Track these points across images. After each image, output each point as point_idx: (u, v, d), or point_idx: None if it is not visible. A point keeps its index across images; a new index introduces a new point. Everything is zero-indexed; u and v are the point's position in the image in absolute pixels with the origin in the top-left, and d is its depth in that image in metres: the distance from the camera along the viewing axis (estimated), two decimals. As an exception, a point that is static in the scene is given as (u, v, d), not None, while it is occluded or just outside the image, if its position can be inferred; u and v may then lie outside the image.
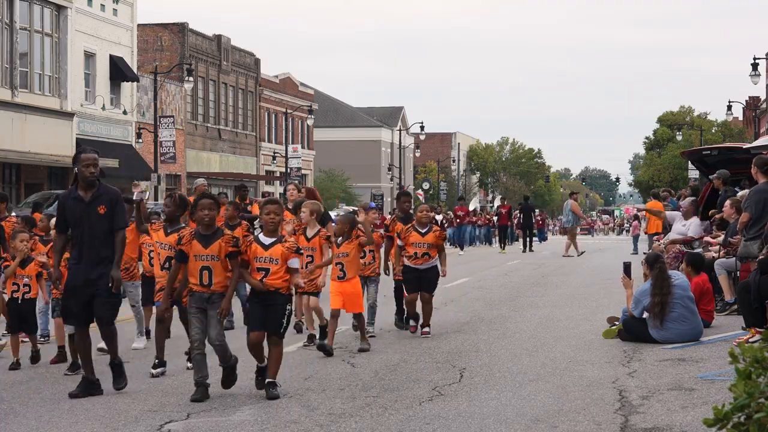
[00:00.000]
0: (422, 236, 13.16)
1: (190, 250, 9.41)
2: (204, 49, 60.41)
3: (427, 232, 13.18)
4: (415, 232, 13.17)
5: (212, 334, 9.32)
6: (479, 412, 8.51)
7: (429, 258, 13.19)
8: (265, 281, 9.32)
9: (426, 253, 13.18)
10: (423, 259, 13.18)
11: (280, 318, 9.30)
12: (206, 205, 9.50)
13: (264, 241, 9.49)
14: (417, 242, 13.14)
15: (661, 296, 12.06)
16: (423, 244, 13.16)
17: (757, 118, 64.91)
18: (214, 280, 9.34)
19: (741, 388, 3.96)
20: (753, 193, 12.99)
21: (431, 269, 13.31)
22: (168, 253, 11.13)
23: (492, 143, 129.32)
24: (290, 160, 66.73)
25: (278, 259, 9.34)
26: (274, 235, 9.53)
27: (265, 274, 9.34)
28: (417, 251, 13.17)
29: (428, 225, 13.21)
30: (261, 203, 9.98)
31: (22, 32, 40.30)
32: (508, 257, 36.41)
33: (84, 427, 8.31)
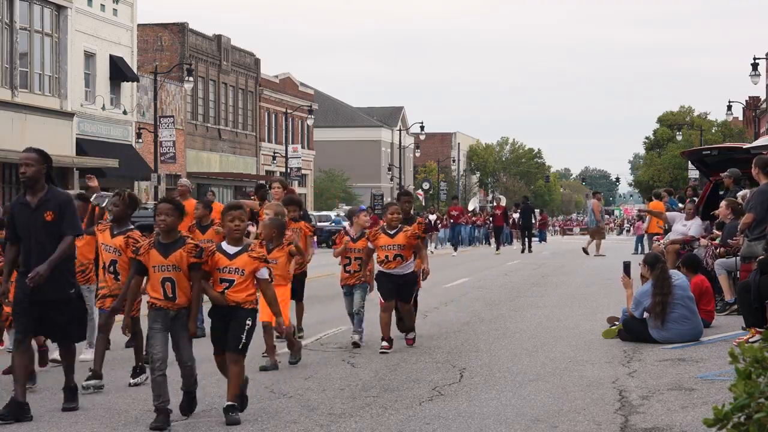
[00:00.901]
0: (391, 238, 12.06)
1: (148, 260, 8.49)
2: (204, 49, 60.42)
3: (397, 233, 12.06)
4: (384, 234, 12.11)
5: (184, 355, 8.54)
6: (479, 412, 8.51)
7: (402, 261, 12.08)
8: (227, 294, 8.45)
9: (398, 255, 12.05)
10: (396, 263, 12.07)
11: (240, 333, 8.39)
12: (164, 210, 8.55)
13: (228, 250, 8.58)
14: (386, 245, 12.09)
15: (662, 296, 12.06)
16: (393, 246, 12.07)
17: (757, 118, 64.92)
18: (179, 293, 8.44)
19: (741, 388, 3.95)
20: (757, 193, 12.99)
21: (407, 275, 12.22)
22: (113, 257, 10.27)
23: (492, 143, 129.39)
24: (290, 160, 66.73)
25: (244, 269, 8.47)
26: (239, 243, 8.60)
27: (228, 285, 8.47)
28: (388, 254, 12.08)
29: (397, 226, 12.10)
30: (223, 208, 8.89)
31: (22, 32, 40.30)
32: (508, 257, 36.41)
33: (84, 427, 8.31)
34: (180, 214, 8.66)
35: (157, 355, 8.36)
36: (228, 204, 9.06)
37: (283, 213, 12.24)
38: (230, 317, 8.44)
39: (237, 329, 8.41)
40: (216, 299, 8.51)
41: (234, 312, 8.43)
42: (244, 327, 8.40)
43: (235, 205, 8.86)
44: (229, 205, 8.99)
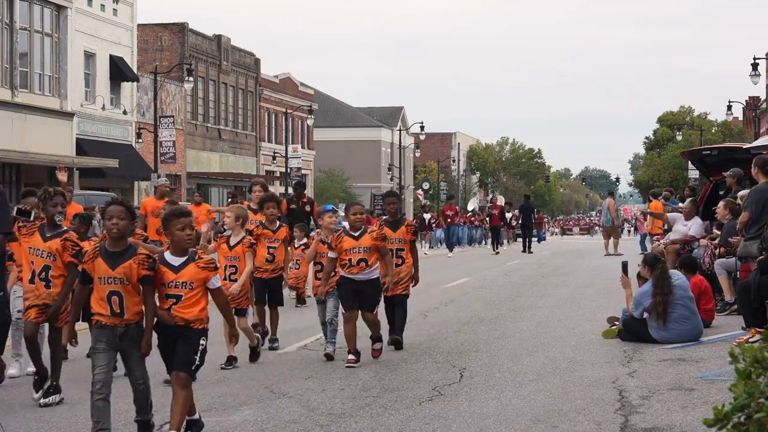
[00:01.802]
0: (356, 240, 11.14)
1: (93, 270, 7.54)
2: (204, 49, 60.41)
3: (361, 234, 11.17)
4: (348, 236, 11.19)
5: (135, 375, 7.64)
6: (479, 412, 8.51)
7: (366, 266, 11.12)
8: (174, 311, 7.46)
9: (363, 259, 11.11)
10: (359, 267, 11.12)
11: (192, 353, 7.40)
12: (116, 213, 7.53)
13: (172, 261, 7.54)
14: (350, 248, 11.14)
15: (662, 296, 12.06)
16: (358, 249, 11.13)
17: (757, 118, 64.91)
18: (127, 308, 7.50)
19: (741, 388, 3.95)
20: (753, 192, 12.98)
21: (371, 281, 11.25)
22: (45, 262, 9.36)
23: (492, 143, 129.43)
24: (290, 160, 66.72)
25: (192, 282, 7.45)
26: (184, 253, 7.57)
27: (176, 302, 7.46)
28: (351, 258, 11.12)
29: (362, 228, 11.24)
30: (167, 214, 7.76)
31: (22, 32, 40.28)
32: (508, 257, 36.41)
33: (84, 427, 8.31)
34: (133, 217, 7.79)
35: (99, 377, 7.44)
36: (174, 210, 7.81)
37: (245, 216, 11.71)
38: (179, 337, 7.45)
39: (188, 348, 7.43)
40: (162, 318, 7.49)
41: (183, 332, 7.44)
42: (197, 347, 7.44)
43: (183, 211, 7.75)
44: (176, 211, 7.78)
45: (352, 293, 11.16)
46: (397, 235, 12.24)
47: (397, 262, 12.11)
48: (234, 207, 11.92)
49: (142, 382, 7.67)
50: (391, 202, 12.61)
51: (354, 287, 11.16)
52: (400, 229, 12.30)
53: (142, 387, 7.69)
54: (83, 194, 35.12)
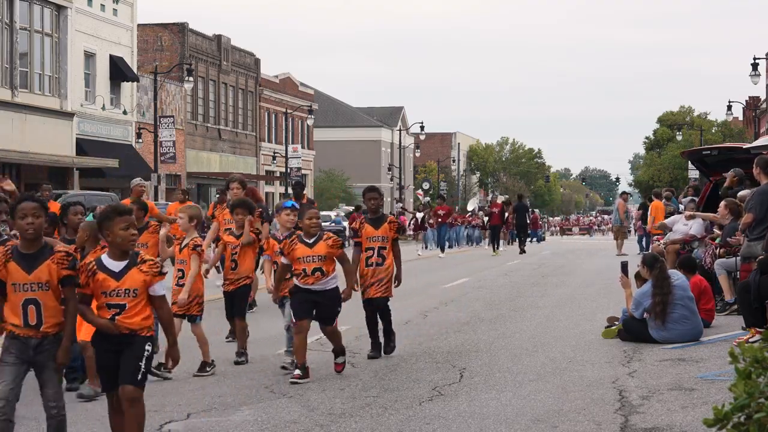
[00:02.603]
0: (310, 248, 10.19)
1: (6, 276, 6.73)
2: (204, 49, 60.42)
3: (316, 241, 10.22)
4: (301, 243, 10.25)
5: (49, 393, 6.80)
6: (479, 412, 8.51)
7: (322, 276, 10.19)
8: (118, 321, 6.66)
9: (318, 268, 10.18)
10: (314, 277, 10.17)
11: (137, 361, 6.64)
12: (28, 210, 6.75)
13: (112, 267, 6.70)
14: (304, 256, 10.20)
15: (662, 296, 12.06)
16: (312, 258, 10.21)
17: (757, 118, 64.93)
18: (46, 317, 6.73)
19: (741, 388, 3.95)
20: (757, 194, 12.98)
21: (329, 291, 10.31)
22: None
23: (492, 143, 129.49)
24: (290, 160, 66.73)
25: (136, 289, 6.67)
26: (125, 256, 6.72)
27: (119, 312, 6.66)
28: (306, 267, 10.20)
29: (317, 233, 10.29)
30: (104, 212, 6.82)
31: (22, 32, 40.28)
32: (508, 257, 36.40)
33: (84, 427, 8.31)
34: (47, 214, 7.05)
35: (2, 395, 6.63)
36: (115, 207, 6.88)
37: (199, 217, 11.07)
38: (124, 346, 6.69)
39: (132, 355, 6.66)
40: (104, 327, 6.71)
41: (129, 339, 6.68)
42: (141, 352, 6.67)
43: (125, 209, 6.90)
44: (118, 208, 6.88)
45: (307, 303, 10.21)
46: (379, 233, 11.53)
47: (378, 261, 11.48)
48: (187, 207, 11.20)
49: (55, 405, 6.78)
50: (371, 197, 11.74)
51: (310, 297, 10.21)
52: (382, 227, 11.57)
53: (56, 412, 6.78)
54: (83, 194, 35.16)
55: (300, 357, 10.14)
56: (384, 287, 11.54)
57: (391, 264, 11.57)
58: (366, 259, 11.50)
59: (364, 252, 11.51)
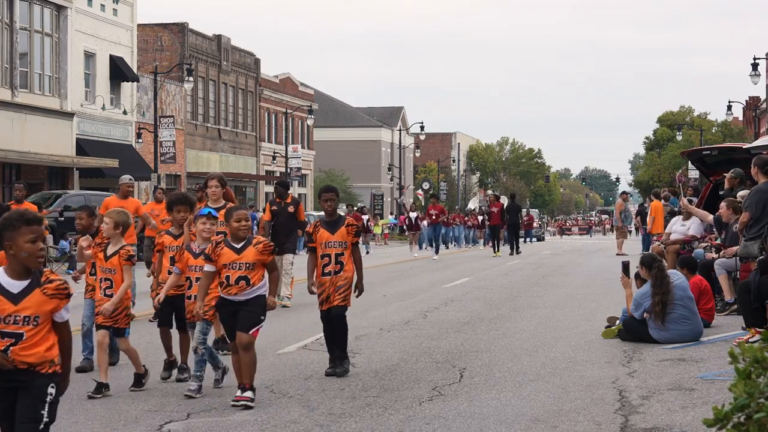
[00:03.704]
0: (237, 253, 9.09)
1: None
2: (204, 49, 60.41)
3: (245, 246, 9.12)
4: (228, 248, 9.15)
5: None
6: (479, 412, 8.51)
7: (247, 285, 9.05)
8: (12, 353, 5.50)
9: (243, 277, 9.04)
10: (238, 287, 9.04)
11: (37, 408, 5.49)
12: None
13: (9, 286, 5.56)
14: (231, 263, 9.09)
15: (661, 296, 12.06)
16: (238, 265, 9.06)
17: (757, 118, 64.95)
18: None
19: (741, 388, 3.95)
20: (753, 193, 12.98)
21: (253, 300, 9.12)
22: None
23: (492, 143, 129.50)
24: (290, 160, 66.74)
25: (38, 316, 5.54)
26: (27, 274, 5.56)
27: (14, 342, 5.51)
28: (229, 275, 9.06)
29: (245, 237, 9.20)
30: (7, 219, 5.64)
31: (22, 32, 40.29)
32: (508, 257, 36.40)
33: (84, 427, 8.31)
34: None
35: None
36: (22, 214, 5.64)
37: (126, 223, 10.13)
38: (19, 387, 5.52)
39: (32, 401, 5.50)
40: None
41: (26, 379, 5.51)
42: (44, 397, 5.52)
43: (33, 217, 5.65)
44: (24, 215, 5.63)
45: (232, 318, 9.12)
46: (335, 238, 10.46)
47: (336, 268, 10.42)
48: (113, 212, 10.18)
49: None
50: (327, 198, 10.66)
51: (233, 309, 9.11)
52: (339, 230, 10.49)
53: None
54: (83, 194, 35.16)
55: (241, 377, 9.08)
56: (342, 295, 10.48)
57: (351, 271, 10.55)
58: (323, 267, 10.47)
59: (320, 259, 10.49)
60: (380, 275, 26.55)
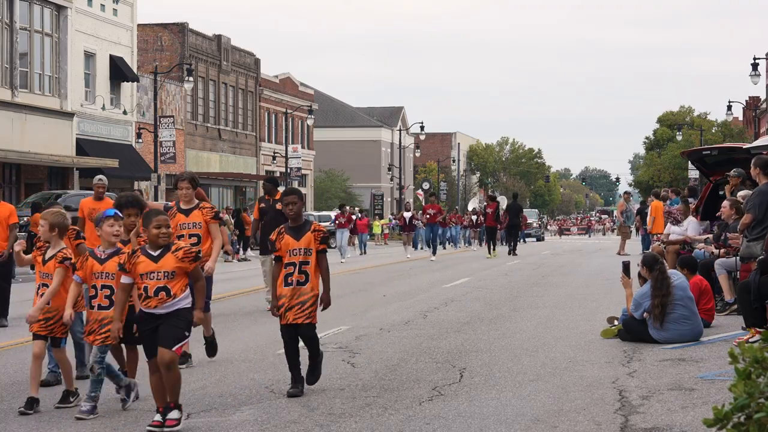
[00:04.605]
0: (155, 262, 8.22)
1: None
2: (204, 49, 60.42)
3: (163, 254, 8.25)
4: (145, 257, 8.26)
5: None
6: (479, 412, 8.51)
7: (168, 297, 8.18)
8: None
9: (163, 288, 8.18)
10: (157, 299, 8.18)
11: None
12: None
13: None
14: (148, 272, 8.20)
15: (661, 298, 12.05)
16: (156, 275, 8.20)
17: (757, 118, 64.96)
18: None
19: (741, 388, 3.95)
20: (756, 194, 12.98)
21: (176, 313, 8.22)
22: None
23: (492, 143, 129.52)
24: (290, 160, 66.74)
25: None
26: None
27: None
28: (148, 285, 8.18)
29: (165, 244, 8.28)
30: None
31: (22, 32, 40.29)
32: (508, 257, 36.39)
33: (84, 427, 8.31)
34: None
35: None
36: None
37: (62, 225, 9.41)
38: None
39: None
40: None
41: None
42: None
43: None
44: None
45: (152, 334, 8.21)
46: (300, 245, 9.45)
47: (300, 278, 9.42)
48: (48, 213, 9.55)
49: None
50: (290, 201, 9.60)
51: (155, 323, 8.20)
52: (304, 237, 9.48)
53: None
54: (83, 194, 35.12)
55: (159, 399, 8.15)
56: (307, 312, 9.45)
57: (317, 284, 9.54)
58: (285, 276, 9.45)
59: (283, 268, 9.47)
60: (380, 275, 26.55)
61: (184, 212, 11.43)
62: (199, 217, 11.43)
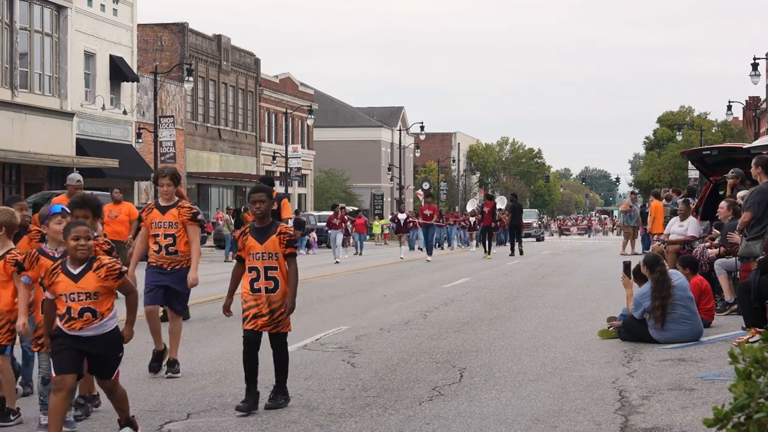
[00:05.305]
0: (75, 281, 7.33)
1: None
2: (204, 49, 60.42)
3: (84, 272, 7.35)
4: (65, 275, 7.36)
5: None
6: (479, 412, 8.51)
7: (94, 318, 7.32)
8: None
9: (87, 309, 7.31)
10: (83, 320, 7.31)
11: None
12: None
13: None
14: (68, 292, 7.33)
15: (661, 299, 12.05)
16: (78, 295, 7.31)
17: (757, 118, 64.96)
18: None
19: (741, 388, 3.95)
20: (755, 193, 12.97)
21: (105, 336, 7.41)
22: None
23: (492, 143, 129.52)
24: (290, 160, 66.73)
25: None
26: None
27: None
28: (70, 307, 7.31)
29: (87, 258, 7.36)
30: None
31: (22, 32, 40.29)
32: (508, 257, 36.38)
33: (84, 427, 8.31)
34: None
35: None
36: None
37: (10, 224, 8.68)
38: None
39: None
40: None
41: None
42: None
43: None
44: None
45: (73, 352, 7.34)
46: (264, 248, 8.79)
47: (269, 285, 8.80)
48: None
49: None
50: (257, 199, 8.88)
51: (77, 346, 7.33)
52: (269, 239, 8.80)
53: None
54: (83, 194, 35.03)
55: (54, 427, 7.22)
56: (277, 320, 8.87)
57: (287, 289, 8.89)
58: (250, 281, 8.83)
59: (247, 272, 8.88)
60: (380, 275, 26.55)
61: (161, 209, 10.74)
62: (176, 216, 10.71)
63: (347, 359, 11.51)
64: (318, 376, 10.45)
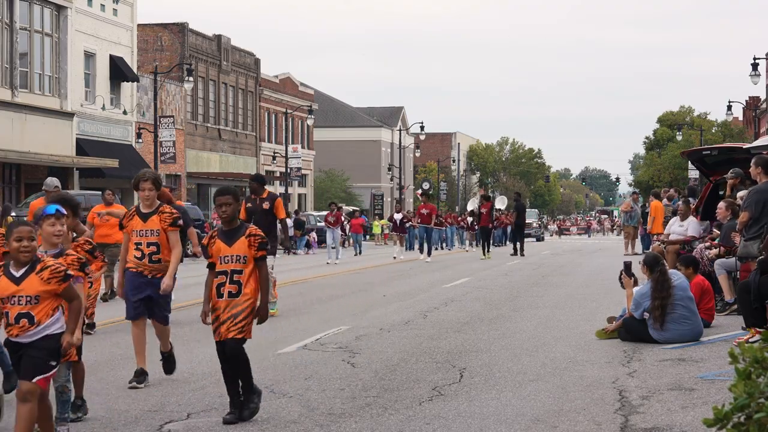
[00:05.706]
0: (16, 284, 6.94)
1: None
2: (204, 49, 60.42)
3: (26, 275, 6.94)
4: (6, 277, 6.99)
5: None
6: (479, 412, 8.51)
7: (30, 325, 6.92)
8: None
9: (25, 314, 6.92)
10: (18, 327, 6.93)
11: None
12: None
13: None
14: (9, 296, 6.95)
15: (661, 300, 12.05)
16: (18, 299, 6.93)
17: (757, 118, 64.97)
18: None
19: (741, 388, 3.95)
20: (753, 192, 12.96)
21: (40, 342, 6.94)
22: None
23: (492, 143, 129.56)
24: (290, 160, 66.74)
25: None
26: None
27: None
28: (9, 311, 6.95)
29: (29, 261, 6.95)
30: None
31: (22, 32, 40.30)
32: (508, 257, 36.38)
33: (84, 427, 8.31)
34: None
35: None
36: None
37: None
38: None
39: None
40: None
41: None
42: None
43: None
44: None
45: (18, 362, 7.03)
46: (233, 251, 8.44)
47: (233, 289, 8.40)
48: None
49: None
50: (223, 202, 8.54)
51: (18, 352, 7.02)
52: (237, 242, 8.46)
53: None
54: (83, 194, 35.15)
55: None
56: (239, 326, 8.38)
57: (253, 295, 8.45)
58: (218, 286, 8.45)
59: (215, 277, 8.50)
60: (380, 275, 26.56)
61: (142, 217, 10.19)
62: (157, 223, 10.16)
63: (347, 359, 11.51)
64: (318, 376, 10.45)
